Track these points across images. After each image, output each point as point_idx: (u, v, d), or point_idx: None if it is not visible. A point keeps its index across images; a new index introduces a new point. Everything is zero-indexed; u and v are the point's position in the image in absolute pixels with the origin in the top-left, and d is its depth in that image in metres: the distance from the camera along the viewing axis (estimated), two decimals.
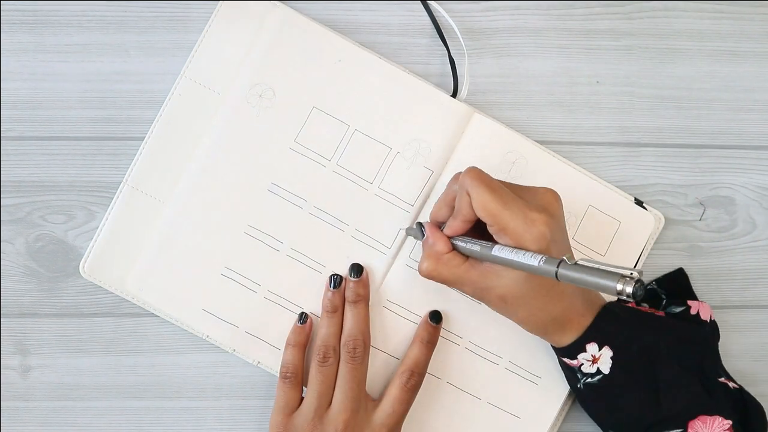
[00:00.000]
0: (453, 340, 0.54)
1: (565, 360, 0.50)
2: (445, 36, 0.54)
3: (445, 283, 0.48)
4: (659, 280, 0.55)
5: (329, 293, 0.52)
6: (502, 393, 0.54)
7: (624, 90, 0.56)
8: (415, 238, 0.52)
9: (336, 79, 0.53)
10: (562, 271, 0.40)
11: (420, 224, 0.51)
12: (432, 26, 0.54)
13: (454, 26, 0.54)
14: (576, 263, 0.40)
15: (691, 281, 0.56)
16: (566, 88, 0.56)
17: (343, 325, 0.52)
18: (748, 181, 0.57)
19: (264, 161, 0.53)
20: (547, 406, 0.54)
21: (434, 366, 0.53)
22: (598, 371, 0.49)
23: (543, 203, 0.46)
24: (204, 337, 0.53)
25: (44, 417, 0.54)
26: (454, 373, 0.54)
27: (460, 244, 0.48)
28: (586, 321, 0.48)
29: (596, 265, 0.39)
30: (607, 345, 0.49)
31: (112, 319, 0.54)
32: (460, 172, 0.47)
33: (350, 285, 0.52)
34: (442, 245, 0.48)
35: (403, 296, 0.53)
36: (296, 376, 0.51)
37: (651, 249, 0.55)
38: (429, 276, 0.48)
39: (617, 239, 0.54)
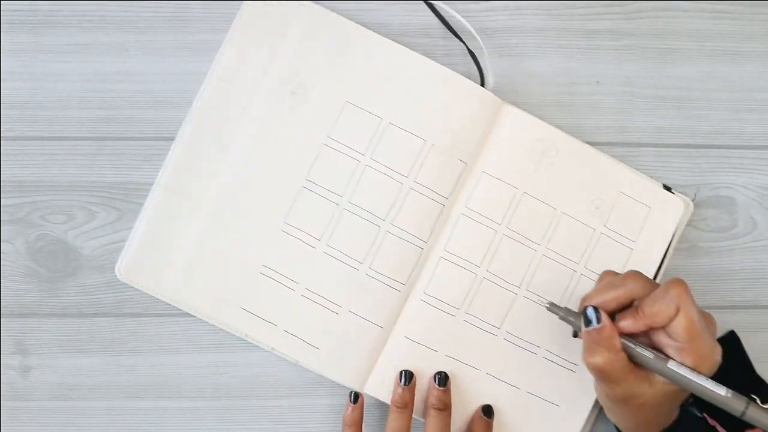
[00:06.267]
0: (490, 331, 0.53)
1: None
2: (457, 33, 0.54)
3: (603, 378, 0.46)
4: None
5: (399, 389, 0.52)
6: (540, 382, 0.54)
7: (624, 90, 0.56)
8: (571, 321, 0.48)
9: (367, 72, 0.53)
10: (750, 413, 0.42)
11: (595, 310, 0.46)
12: (432, 26, 0.54)
13: (466, 24, 0.54)
14: (765, 407, 0.42)
15: (692, 282, 0.54)
16: (566, 88, 0.56)
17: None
18: (749, 181, 0.57)
19: (298, 158, 0.52)
20: (586, 393, 0.54)
21: (473, 357, 0.53)
22: None
23: (713, 330, 0.47)
24: (243, 336, 0.52)
25: (44, 417, 0.54)
26: (493, 364, 0.54)
27: (629, 344, 0.46)
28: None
29: None
30: None
31: (112, 319, 0.54)
32: (633, 271, 0.47)
33: (434, 393, 0.52)
34: (618, 342, 0.46)
35: (443, 292, 0.53)
36: None
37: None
38: (599, 370, 0.45)
39: (648, 225, 0.55)
